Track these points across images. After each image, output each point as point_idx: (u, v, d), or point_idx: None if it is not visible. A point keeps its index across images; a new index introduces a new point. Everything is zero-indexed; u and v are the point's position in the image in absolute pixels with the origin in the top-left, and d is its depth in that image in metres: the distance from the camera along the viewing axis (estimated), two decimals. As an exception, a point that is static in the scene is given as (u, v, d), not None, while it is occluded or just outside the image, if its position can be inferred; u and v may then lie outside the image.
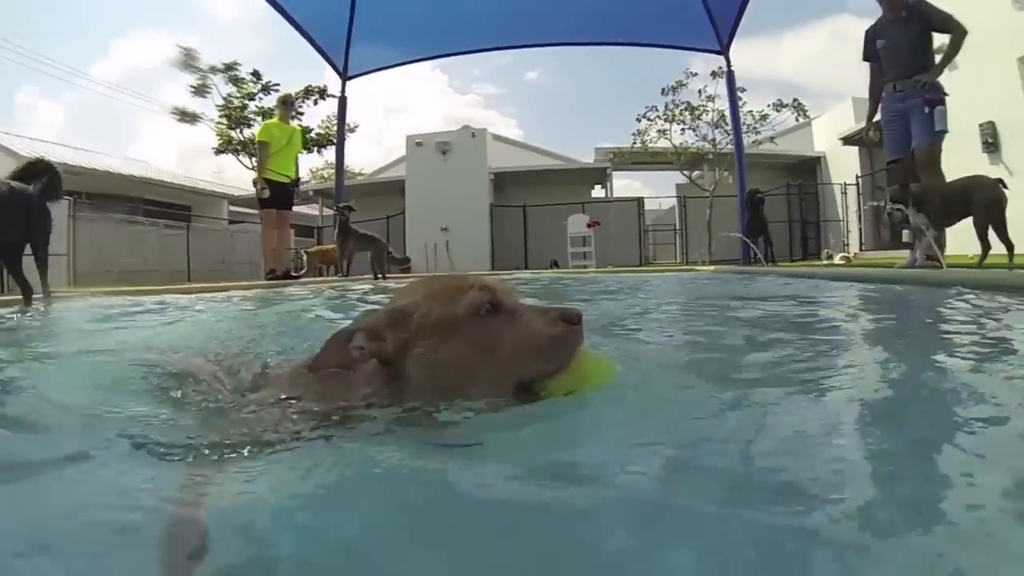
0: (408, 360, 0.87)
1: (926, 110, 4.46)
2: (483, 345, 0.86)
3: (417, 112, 65.86)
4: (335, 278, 8.43)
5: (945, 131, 4.51)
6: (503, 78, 69.63)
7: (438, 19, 9.40)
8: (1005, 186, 4.37)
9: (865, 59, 5.00)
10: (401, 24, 9.48)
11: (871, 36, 4.90)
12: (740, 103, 14.19)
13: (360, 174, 24.15)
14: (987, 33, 8.68)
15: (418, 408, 0.85)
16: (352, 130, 19.17)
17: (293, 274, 7.65)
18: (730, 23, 7.83)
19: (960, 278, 3.09)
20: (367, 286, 5.83)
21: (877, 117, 4.98)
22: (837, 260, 10.32)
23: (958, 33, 4.52)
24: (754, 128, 15.21)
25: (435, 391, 0.87)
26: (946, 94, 4.56)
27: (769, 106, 15.46)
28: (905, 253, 4.55)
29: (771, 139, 15.62)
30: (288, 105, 8.07)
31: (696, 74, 15.32)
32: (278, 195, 7.29)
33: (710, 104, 15.55)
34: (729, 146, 13.19)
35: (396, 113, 64.77)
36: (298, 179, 7.88)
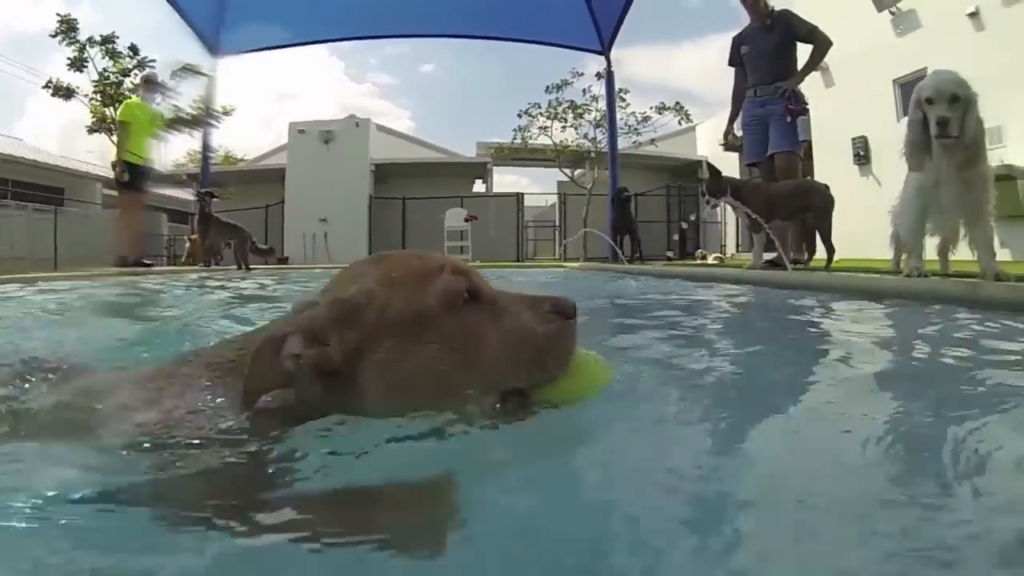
0: (362, 370, 0.66)
1: (788, 119, 4.78)
2: (463, 347, 0.68)
3: (310, 98, 62.48)
4: (196, 267, 7.97)
5: (807, 140, 4.88)
6: (399, 69, 67.60)
7: (323, 2, 9.01)
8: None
9: (730, 64, 5.22)
10: (284, 4, 8.96)
11: (737, 42, 5.12)
12: (624, 104, 14.89)
13: (243, 159, 22.66)
14: (868, 54, 9.76)
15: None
16: (228, 112, 17.64)
17: (146, 262, 7.15)
18: (612, 25, 8.08)
19: (796, 280, 3.46)
20: (232, 276, 5.62)
21: (739, 122, 5.18)
22: (710, 260, 10.70)
23: (821, 44, 4.81)
24: (635, 129, 15.81)
25: (399, 408, 0.68)
26: (806, 104, 4.91)
27: (651, 108, 16.10)
28: (773, 255, 4.77)
29: (652, 141, 16.25)
30: (151, 85, 7.63)
31: (582, 74, 15.65)
32: (139, 178, 6.90)
33: (594, 104, 15.69)
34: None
35: (289, 98, 60.61)
36: (153, 162, 7.38)
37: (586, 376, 0.74)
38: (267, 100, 57.62)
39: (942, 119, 2.72)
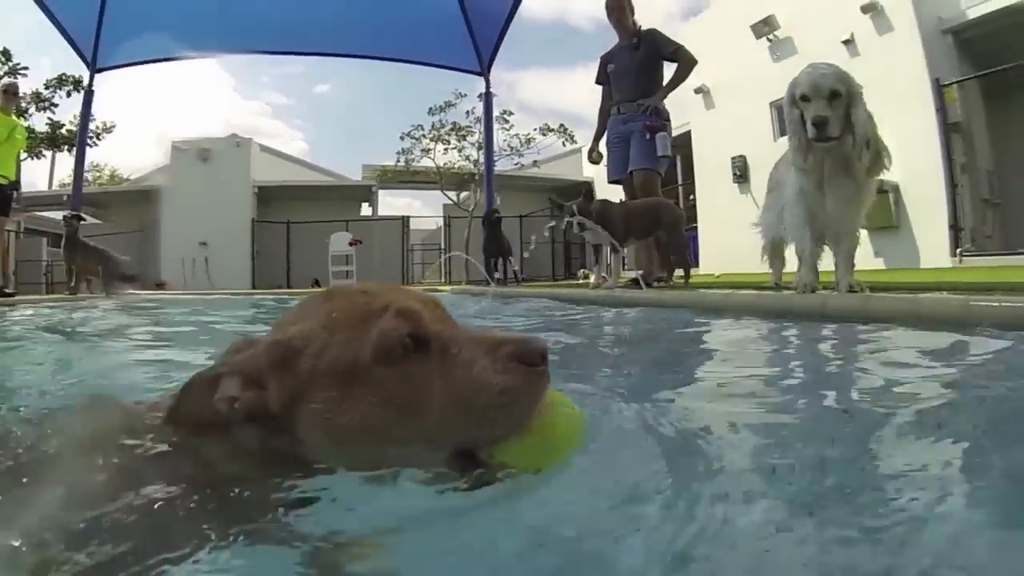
0: (299, 418, 0.61)
1: (647, 136, 4.54)
2: (401, 403, 0.59)
3: (199, 116, 58.52)
4: (61, 296, 7.31)
5: (667, 157, 4.65)
6: (293, 88, 64.86)
7: (207, 16, 8.36)
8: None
9: (597, 83, 5.11)
10: (166, 16, 8.21)
11: (604, 61, 5.01)
12: (508, 127, 14.93)
13: (127, 179, 21.01)
14: (747, 79, 10.11)
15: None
16: (109, 129, 16.15)
17: (7, 291, 6.58)
18: (491, 46, 7.96)
19: (644, 299, 3.38)
20: (98, 302, 5.24)
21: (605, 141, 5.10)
22: (593, 280, 10.90)
23: (686, 62, 4.75)
24: (517, 151, 15.94)
25: (340, 460, 0.63)
26: (668, 120, 4.69)
27: (535, 130, 16.34)
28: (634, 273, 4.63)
29: (534, 163, 16.43)
30: (10, 95, 6.78)
31: (465, 95, 15.57)
32: None
33: (477, 126, 15.43)
34: (495, 166, 13.57)
35: (177, 115, 56.89)
36: (18, 181, 6.71)
37: (553, 436, 0.63)
38: (158, 116, 54.16)
39: (819, 119, 2.41)
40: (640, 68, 4.76)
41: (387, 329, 0.60)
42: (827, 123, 2.39)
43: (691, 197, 11.98)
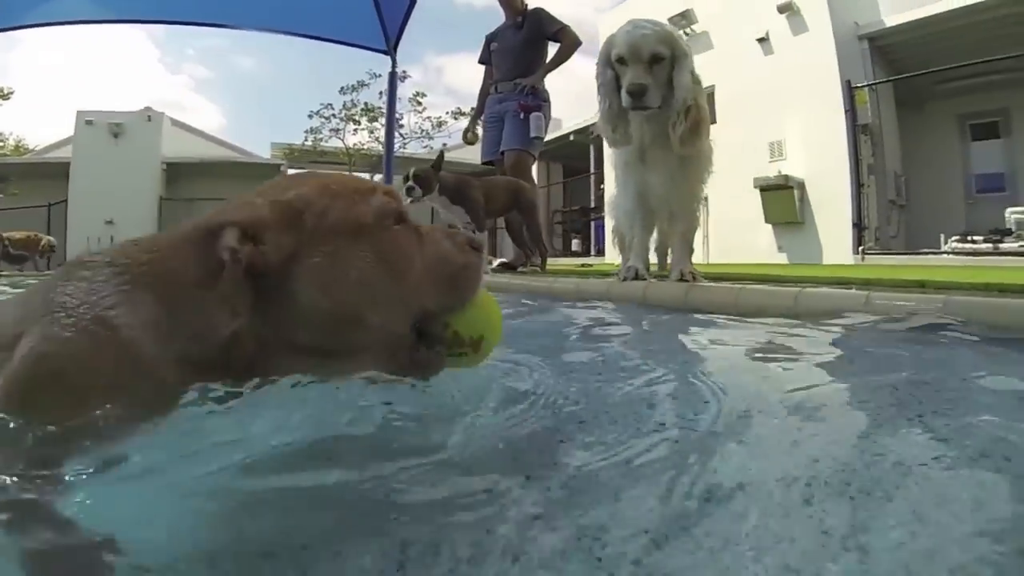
0: (296, 274, 0.63)
1: (521, 116, 4.36)
2: (391, 263, 0.68)
3: (121, 86, 54.92)
4: None
5: (540, 138, 4.47)
6: (216, 62, 60.84)
7: None
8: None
9: (480, 62, 4.92)
10: None
11: (488, 39, 4.82)
12: (420, 109, 14.70)
13: (31, 150, 19.35)
14: None
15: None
16: (6, 96, 15.07)
17: None
18: (397, 24, 7.67)
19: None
20: None
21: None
22: (495, 265, 10.84)
23: (569, 43, 4.54)
24: (428, 134, 15.82)
25: (328, 320, 0.65)
26: (546, 101, 4.52)
27: (447, 113, 16.28)
28: (572, 260, 4.39)
29: (444, 146, 16.18)
30: None
31: (379, 75, 15.17)
32: None
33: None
34: (405, 149, 13.37)
35: (97, 84, 53.41)
36: None
37: (487, 310, 0.77)
38: (79, 86, 51.02)
39: (634, 87, 2.12)
40: (522, 47, 4.56)
41: (385, 200, 0.71)
42: (645, 91, 2.11)
43: (601, 186, 11.92)
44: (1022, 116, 9.79)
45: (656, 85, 2.15)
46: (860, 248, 8.07)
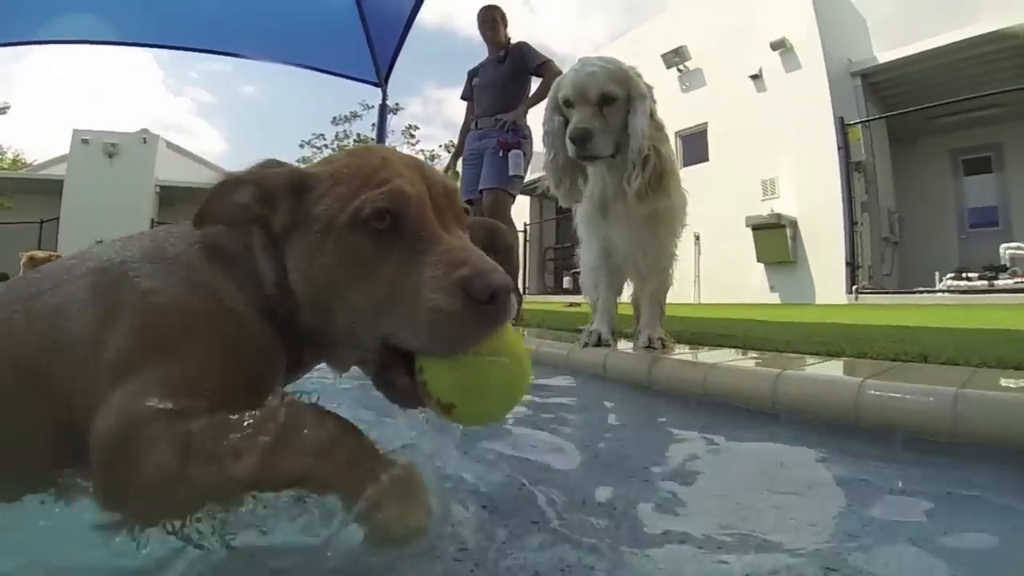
0: (288, 250, 0.67)
1: (500, 153, 4.26)
2: (352, 269, 0.63)
3: (124, 104, 54.89)
4: None
5: (520, 176, 4.37)
6: (219, 87, 62.15)
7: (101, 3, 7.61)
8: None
9: (463, 98, 4.79)
10: None
11: (471, 75, 4.72)
12: (414, 142, 14.66)
13: (28, 164, 19.49)
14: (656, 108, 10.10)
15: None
16: (2, 111, 15.11)
17: None
18: (388, 57, 7.69)
19: None
20: None
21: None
22: None
23: (551, 76, 4.41)
24: None
25: (305, 302, 0.67)
26: (527, 138, 4.41)
27: (441, 147, 16.26)
28: (563, 298, 4.23)
29: None
30: None
31: (372, 107, 15.28)
32: None
33: (388, 138, 15.22)
34: None
35: (100, 101, 53.83)
36: None
37: (481, 380, 0.61)
38: (78, 101, 51.37)
39: (577, 132, 1.83)
40: (504, 81, 4.40)
41: (369, 200, 0.63)
42: (590, 137, 1.82)
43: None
44: (1014, 150, 9.79)
45: (606, 130, 1.88)
46: (854, 287, 7.99)
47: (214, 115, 61.12)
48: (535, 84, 4.53)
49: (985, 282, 8.00)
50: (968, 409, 1.08)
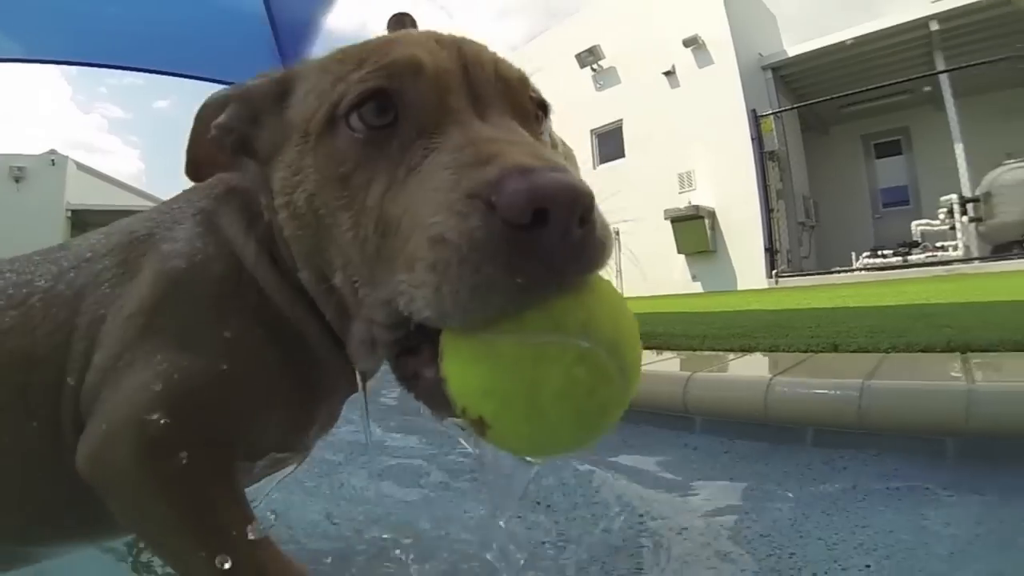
0: (272, 177, 0.50)
1: None
2: (333, 192, 0.44)
3: (32, 126, 51.71)
4: None
5: None
6: (131, 102, 58.35)
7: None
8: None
9: None
10: None
11: None
12: None
13: None
14: (569, 107, 10.03)
15: None
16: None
17: None
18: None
19: None
20: None
21: None
22: None
23: None
24: None
25: (303, 258, 0.50)
26: None
27: None
28: None
29: None
30: None
31: None
32: None
33: None
34: None
35: (7, 123, 50.16)
36: None
37: (539, 376, 0.34)
38: None
39: None
40: None
41: (351, 85, 0.43)
42: None
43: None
44: (921, 133, 10.35)
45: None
46: (773, 272, 8.29)
47: (127, 132, 57.28)
48: None
49: (899, 258, 8.44)
50: (873, 401, 1.11)
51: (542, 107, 0.50)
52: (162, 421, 0.48)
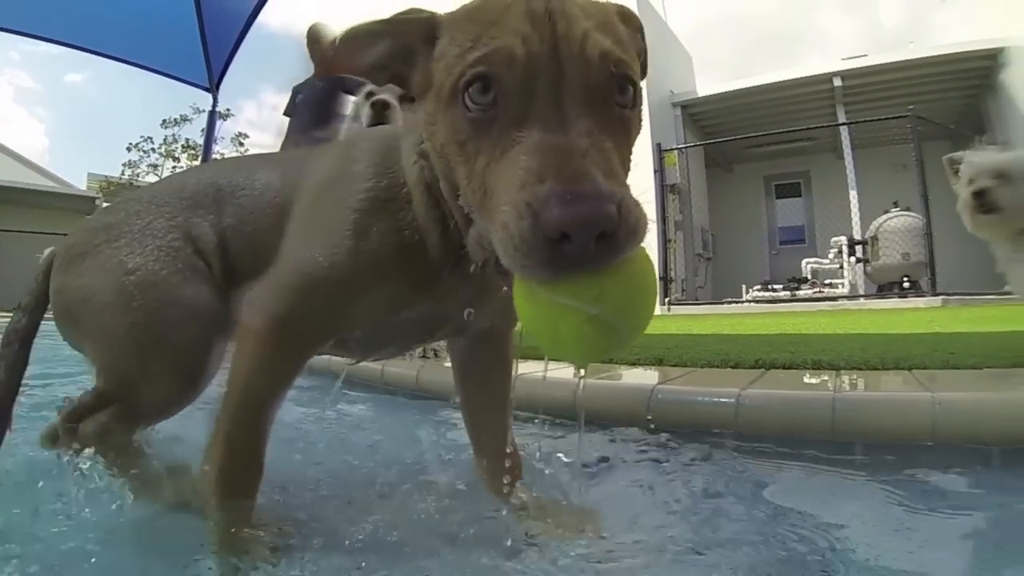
0: (423, 110, 0.60)
1: None
2: (456, 150, 0.56)
3: None
4: None
5: None
6: (43, 71, 51.90)
7: None
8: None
9: (285, 114, 4.78)
10: None
11: (295, 91, 4.71)
12: (244, 150, 14.05)
13: None
14: None
15: None
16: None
17: None
18: (223, 60, 7.44)
19: None
20: None
21: None
22: None
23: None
24: None
25: (443, 176, 0.64)
26: None
27: None
28: None
29: None
30: None
31: (203, 111, 14.57)
32: None
33: (216, 145, 14.62)
34: None
35: None
36: None
37: (559, 327, 0.51)
38: None
39: None
40: (323, 99, 4.59)
41: (466, 67, 0.52)
42: None
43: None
44: (820, 177, 11.03)
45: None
46: (667, 299, 8.67)
47: (34, 103, 50.90)
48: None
49: (788, 292, 8.97)
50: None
51: (626, 78, 0.54)
52: (292, 301, 0.72)
